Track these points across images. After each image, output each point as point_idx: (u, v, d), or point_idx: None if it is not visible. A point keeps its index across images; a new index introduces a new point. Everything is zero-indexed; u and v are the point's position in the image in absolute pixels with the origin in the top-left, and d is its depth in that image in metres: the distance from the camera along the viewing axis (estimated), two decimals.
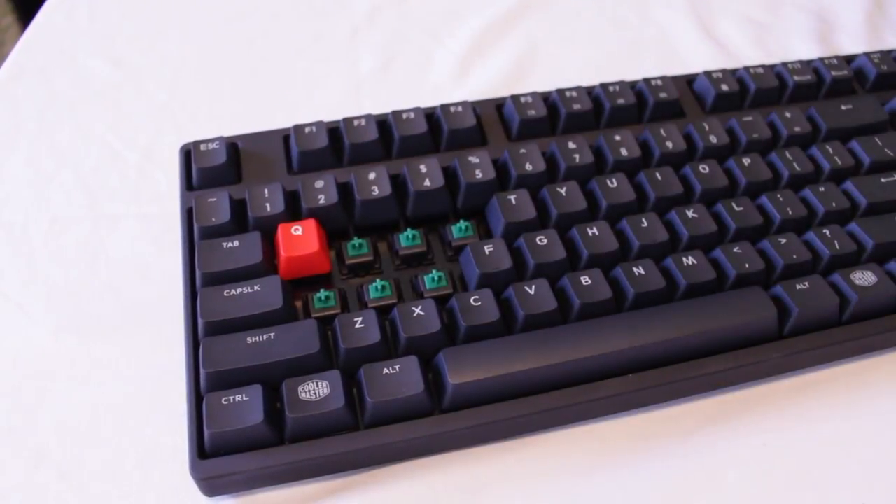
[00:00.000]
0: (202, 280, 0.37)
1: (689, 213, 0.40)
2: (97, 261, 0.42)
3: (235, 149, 0.42)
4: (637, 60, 0.55)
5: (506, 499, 0.34)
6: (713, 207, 0.41)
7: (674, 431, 0.36)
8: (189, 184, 0.41)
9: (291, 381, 0.34)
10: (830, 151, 0.43)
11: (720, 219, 0.40)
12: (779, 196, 0.41)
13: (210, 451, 0.33)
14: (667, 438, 0.36)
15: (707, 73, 0.46)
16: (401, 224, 0.41)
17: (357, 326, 0.35)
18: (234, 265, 0.37)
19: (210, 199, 0.39)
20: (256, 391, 0.33)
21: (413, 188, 0.40)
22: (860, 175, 0.43)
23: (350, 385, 0.34)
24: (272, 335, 0.35)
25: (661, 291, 0.37)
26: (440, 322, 0.35)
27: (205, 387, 0.34)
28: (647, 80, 0.45)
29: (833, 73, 0.47)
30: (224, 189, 0.40)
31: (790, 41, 0.57)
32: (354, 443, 0.33)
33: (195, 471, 0.32)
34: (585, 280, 0.37)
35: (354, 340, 0.35)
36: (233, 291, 0.36)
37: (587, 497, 0.34)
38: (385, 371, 0.34)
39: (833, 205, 0.41)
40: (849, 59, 0.49)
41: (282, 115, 0.47)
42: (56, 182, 0.46)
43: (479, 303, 0.36)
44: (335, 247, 0.40)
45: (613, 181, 0.41)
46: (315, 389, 0.33)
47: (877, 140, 0.44)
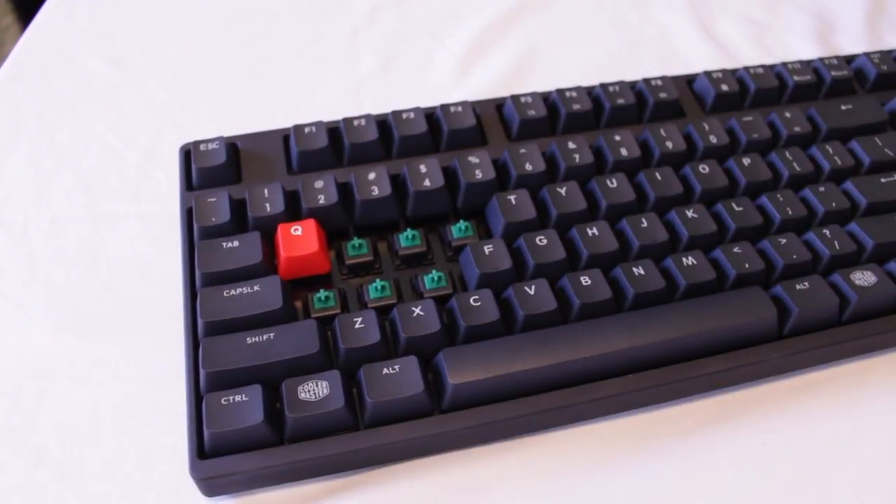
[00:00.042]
0: (202, 280, 0.37)
1: (689, 214, 0.40)
2: (97, 261, 0.42)
3: (235, 149, 0.42)
4: (637, 60, 0.55)
5: (506, 499, 0.34)
6: (713, 207, 0.41)
7: (674, 431, 0.36)
8: (189, 184, 0.41)
9: (291, 382, 0.34)
10: (830, 151, 0.43)
11: (720, 219, 0.40)
12: (779, 196, 0.41)
13: (210, 452, 0.33)
14: (667, 438, 0.36)
15: (707, 73, 0.46)
16: (401, 224, 0.41)
17: (357, 326, 0.35)
18: (234, 265, 0.37)
19: (210, 199, 0.39)
20: (256, 391, 0.33)
21: (413, 188, 0.40)
22: (860, 175, 0.43)
23: (350, 385, 0.34)
24: (272, 335, 0.35)
25: (661, 291, 0.37)
26: (440, 322, 0.35)
27: (205, 387, 0.34)
28: (647, 81, 0.45)
29: (833, 73, 0.47)
30: (224, 189, 0.40)
31: (790, 41, 0.57)
32: (354, 443, 0.33)
33: (195, 471, 0.32)
34: (585, 280, 0.37)
35: (354, 340, 0.35)
36: (232, 291, 0.36)
37: (587, 497, 0.34)
38: (385, 371, 0.34)
39: (833, 205, 0.41)
40: (849, 59, 0.49)
41: (282, 115, 0.47)
42: (56, 182, 0.46)
43: (479, 303, 0.36)
44: (335, 247, 0.40)
45: (613, 181, 0.41)
46: (315, 389, 0.33)
47: (877, 140, 0.44)
